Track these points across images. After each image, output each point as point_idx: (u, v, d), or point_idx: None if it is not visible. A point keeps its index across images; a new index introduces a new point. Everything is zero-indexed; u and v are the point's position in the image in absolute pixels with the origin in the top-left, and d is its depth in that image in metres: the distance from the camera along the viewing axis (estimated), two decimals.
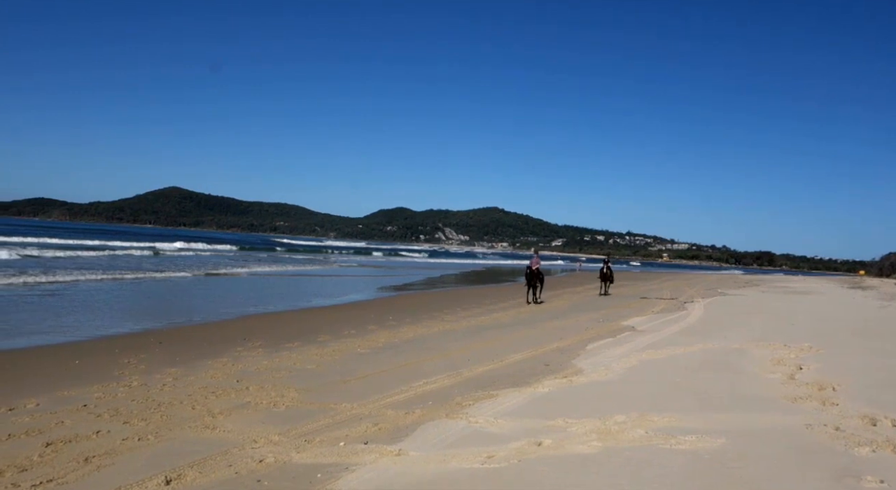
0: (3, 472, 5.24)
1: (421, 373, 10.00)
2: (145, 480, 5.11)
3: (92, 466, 5.46)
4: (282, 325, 15.28)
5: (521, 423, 6.97)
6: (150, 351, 11.11)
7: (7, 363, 9.72)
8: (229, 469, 5.46)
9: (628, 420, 7.01)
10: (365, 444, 6.16)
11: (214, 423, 6.88)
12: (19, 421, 6.74)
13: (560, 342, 13.70)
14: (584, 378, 9.65)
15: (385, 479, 5.24)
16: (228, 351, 11.40)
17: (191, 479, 5.19)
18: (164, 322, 14.95)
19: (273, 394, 8.31)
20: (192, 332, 13.68)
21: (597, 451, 5.93)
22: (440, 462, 5.64)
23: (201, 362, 10.26)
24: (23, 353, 10.53)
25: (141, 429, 6.61)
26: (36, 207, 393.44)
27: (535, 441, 6.19)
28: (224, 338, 12.96)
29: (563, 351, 12.50)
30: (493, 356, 11.68)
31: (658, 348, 12.78)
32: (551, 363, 11.01)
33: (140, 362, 10.11)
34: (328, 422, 7.08)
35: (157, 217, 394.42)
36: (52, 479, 5.13)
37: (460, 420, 7.09)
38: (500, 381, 9.38)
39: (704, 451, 5.95)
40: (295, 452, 5.92)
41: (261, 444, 6.16)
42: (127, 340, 12.19)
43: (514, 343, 13.51)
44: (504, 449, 5.98)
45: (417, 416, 7.32)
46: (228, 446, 6.09)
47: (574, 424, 6.84)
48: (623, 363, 10.93)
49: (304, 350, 11.76)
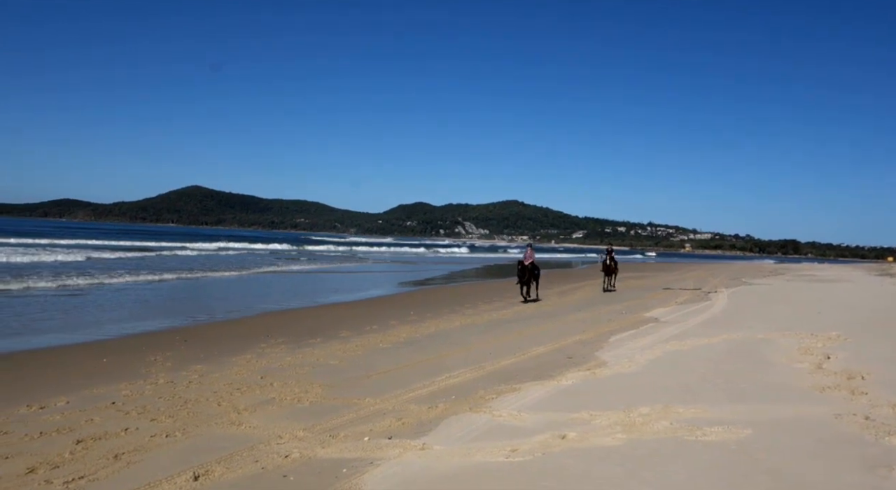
0: (35, 469, 5.35)
1: (443, 367, 10.01)
2: (174, 476, 5.18)
3: (122, 463, 5.55)
4: (304, 322, 15.38)
5: (544, 416, 6.95)
6: (176, 348, 11.25)
7: (38, 361, 9.90)
8: (256, 464, 5.51)
9: (653, 412, 6.96)
10: (389, 439, 6.19)
11: (240, 419, 6.95)
12: (50, 419, 6.86)
13: (582, 334, 13.63)
14: (608, 370, 9.59)
15: (410, 473, 5.25)
16: (252, 347, 11.50)
17: (218, 475, 5.25)
18: (189, 319, 15.13)
19: (297, 390, 8.38)
20: (216, 330, 13.82)
21: (621, 443, 5.90)
22: (464, 456, 5.64)
23: (226, 359, 10.37)
24: (53, 352, 10.72)
25: (168, 426, 6.70)
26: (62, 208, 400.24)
27: (560, 434, 6.17)
28: (247, 334, 13.08)
29: (585, 343, 12.44)
30: (515, 349, 11.66)
31: (682, 339, 12.66)
32: (574, 356, 10.96)
33: (166, 360, 10.24)
34: (352, 417, 7.11)
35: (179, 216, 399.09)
36: (83, 475, 5.22)
37: (484, 414, 7.09)
38: (523, 375, 9.36)
39: (731, 443, 5.89)
40: (320, 447, 5.96)
41: (286, 440, 6.22)
42: (153, 338, 12.35)
43: (537, 336, 13.47)
44: (528, 442, 5.97)
45: (441, 410, 7.33)
46: (254, 442, 6.15)
47: (598, 417, 6.81)
48: (647, 355, 10.85)
49: (326, 346, 11.83)
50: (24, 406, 7.34)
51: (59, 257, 34.34)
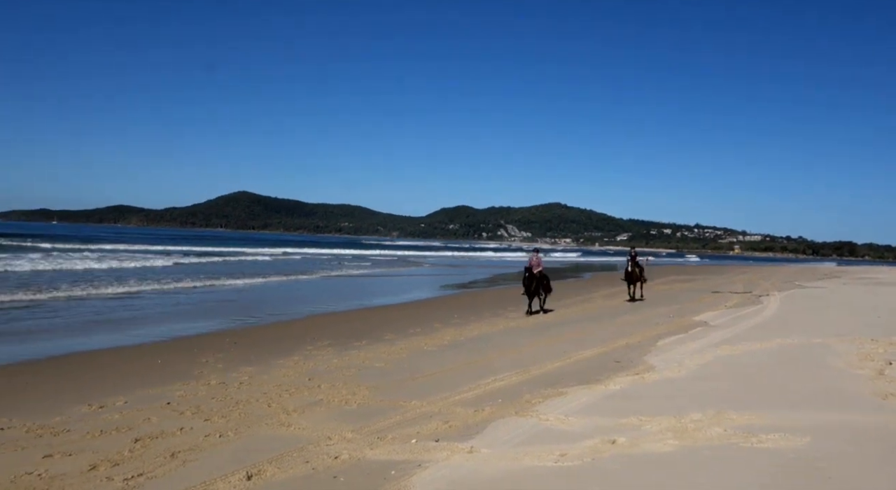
0: (97, 467, 5.53)
1: (488, 370, 9.99)
2: (228, 475, 5.29)
3: (178, 461, 5.70)
4: (349, 324, 15.54)
5: (592, 420, 6.87)
6: (226, 350, 11.49)
7: (96, 362, 10.24)
8: (306, 465, 5.59)
9: (705, 418, 6.81)
10: (436, 442, 6.20)
11: (290, 421, 7.06)
12: (110, 418, 7.09)
13: (629, 338, 13.43)
14: (657, 375, 9.42)
15: (458, 476, 5.25)
16: (299, 350, 11.67)
17: (270, 475, 5.34)
18: (238, 322, 15.46)
19: (344, 391, 8.47)
20: (264, 332, 14.07)
21: (674, 449, 5.78)
22: (512, 460, 5.62)
23: (274, 361, 10.55)
24: (111, 353, 11.08)
25: (221, 426, 6.85)
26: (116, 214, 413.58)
27: (609, 439, 6.09)
28: (294, 337, 13.29)
29: (632, 347, 12.25)
30: (560, 353, 11.56)
31: (733, 344, 12.36)
32: (621, 360, 10.81)
33: (217, 361, 10.48)
34: (399, 419, 7.15)
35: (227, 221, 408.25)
36: (142, 473, 5.38)
37: (530, 418, 7.04)
38: (569, 379, 9.27)
39: (789, 451, 5.71)
40: (368, 449, 6.01)
41: (335, 441, 6.29)
42: (204, 340, 12.64)
43: (582, 340, 13.32)
44: (577, 447, 5.90)
45: (487, 413, 7.31)
46: (304, 443, 6.24)
47: (648, 422, 6.69)
48: (697, 359, 10.63)
49: (371, 348, 11.93)
50: (85, 405, 7.60)
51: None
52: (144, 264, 35.75)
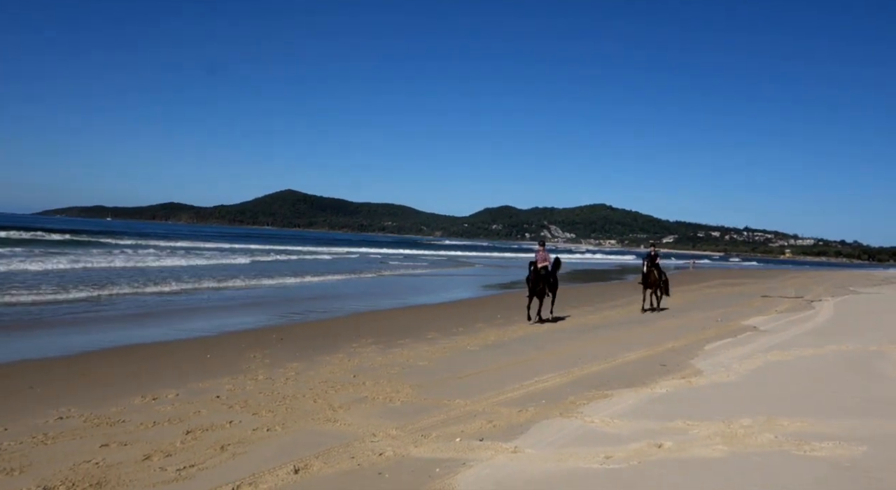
0: (151, 456, 5.71)
1: (532, 371, 9.95)
2: (276, 469, 5.40)
3: (228, 454, 5.84)
4: (393, 323, 15.67)
5: (638, 423, 6.78)
6: (272, 346, 11.71)
7: (149, 356, 10.56)
8: (352, 461, 5.67)
9: (755, 424, 6.65)
10: (480, 441, 6.21)
11: (335, 417, 7.16)
12: (162, 410, 7.31)
13: (675, 342, 13.20)
14: (704, 379, 9.24)
15: (503, 475, 5.25)
16: (343, 347, 11.82)
17: (317, 469, 5.43)
18: (284, 319, 15.74)
19: (388, 389, 8.54)
20: (309, 329, 14.30)
21: (723, 455, 5.67)
22: (557, 461, 5.58)
23: (319, 358, 10.70)
24: (162, 347, 11.41)
25: (269, 420, 6.99)
26: (167, 211, 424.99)
27: (655, 443, 6.00)
28: (338, 334, 13.46)
29: (679, 351, 12.03)
30: (605, 355, 11.43)
31: (784, 349, 12.03)
32: (668, 363, 10.63)
33: (264, 357, 10.69)
34: (443, 418, 7.18)
35: (274, 218, 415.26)
36: (193, 464, 5.53)
37: (575, 419, 6.99)
38: (614, 381, 9.16)
39: (844, 459, 5.54)
40: (413, 446, 6.05)
41: (380, 438, 6.35)
42: (251, 336, 12.91)
43: (627, 342, 13.15)
44: (622, 450, 5.84)
45: (531, 414, 7.28)
46: (350, 439, 6.32)
47: (696, 427, 6.57)
48: (746, 364, 10.38)
49: (415, 347, 12.00)
50: (139, 397, 7.84)
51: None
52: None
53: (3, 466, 5.38)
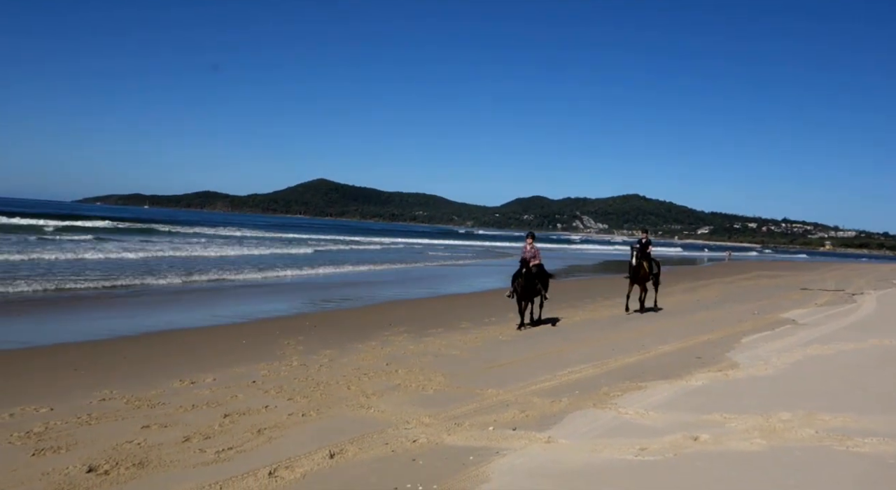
0: (190, 439, 5.83)
1: (564, 361, 9.90)
2: (311, 453, 5.47)
3: (264, 438, 5.93)
4: (425, 312, 15.72)
5: (674, 416, 6.70)
6: (306, 333, 11.85)
7: (188, 341, 10.78)
8: (386, 447, 5.71)
9: (795, 418, 6.52)
10: (513, 430, 6.20)
11: (369, 404, 7.22)
12: (200, 394, 7.45)
13: (711, 334, 13.00)
14: (741, 372, 9.09)
15: (536, 465, 5.24)
16: (376, 335, 11.89)
17: (352, 455, 5.49)
18: (317, 306, 15.91)
19: (421, 377, 8.58)
20: (342, 317, 14.43)
21: (761, 449, 5.57)
22: (591, 452, 5.55)
23: (352, 345, 10.79)
24: (201, 332, 11.63)
25: (304, 405, 7.08)
26: (203, 200, 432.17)
27: (691, 435, 5.93)
28: (371, 322, 13.55)
29: (714, 343, 11.85)
30: (638, 347, 11.31)
31: (825, 343, 11.76)
32: (703, 356, 10.48)
33: (298, 344, 10.81)
34: (476, 406, 7.19)
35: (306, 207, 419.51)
36: (231, 446, 5.64)
37: (609, 410, 6.94)
38: (649, 373, 9.06)
39: (889, 456, 5.40)
40: (446, 434, 6.07)
41: (413, 425, 6.39)
42: (285, 323, 13.08)
43: (661, 334, 12.99)
44: (658, 442, 5.78)
45: (564, 404, 7.25)
46: (383, 426, 6.37)
47: (733, 420, 6.47)
48: (784, 358, 10.18)
49: (447, 336, 12.02)
50: (177, 380, 8.01)
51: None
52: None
53: (50, 444, 5.56)
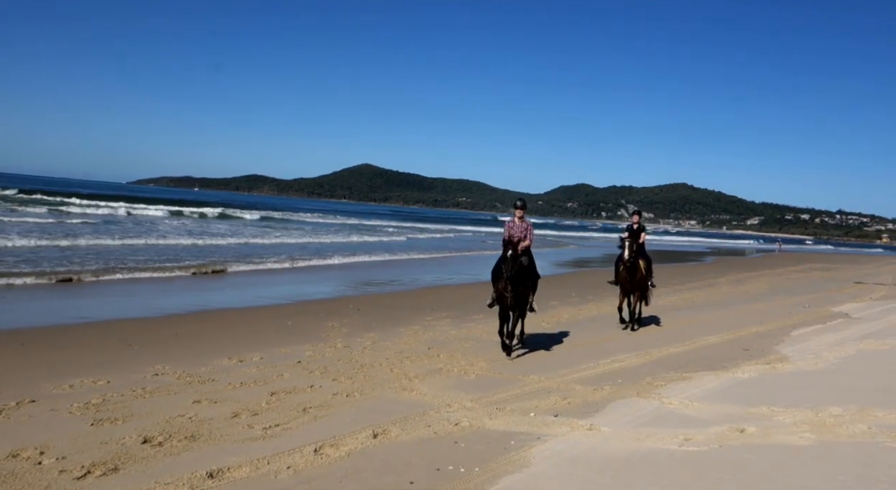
0: (239, 415, 6.00)
1: (606, 350, 9.83)
2: (355, 432, 5.57)
3: (309, 416, 6.07)
4: (466, 298, 15.73)
5: (719, 407, 6.60)
6: (350, 316, 12.01)
7: (237, 320, 11.05)
8: (428, 429, 5.78)
9: (846, 413, 6.35)
10: (555, 417, 6.20)
11: (411, 386, 7.30)
12: (248, 372, 7.65)
13: (759, 326, 12.71)
14: (790, 366, 8.89)
15: (578, 451, 5.24)
16: (418, 319, 11.98)
17: (395, 436, 5.57)
18: (359, 290, 16.11)
19: (462, 362, 8.62)
20: (385, 300, 14.57)
21: (810, 443, 5.45)
22: (634, 440, 5.52)
23: (394, 329, 10.90)
24: (248, 312, 11.91)
25: (347, 386, 7.20)
26: (250, 183, 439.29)
27: (738, 427, 5.84)
28: (414, 307, 13.65)
29: (763, 336, 11.59)
30: (683, 337, 11.15)
31: (880, 338, 11.38)
32: (751, 348, 10.26)
33: (342, 326, 10.98)
34: (517, 392, 7.21)
35: (350, 192, 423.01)
36: (278, 424, 5.78)
37: (652, 400, 6.87)
38: (693, 364, 8.93)
39: None
40: (487, 419, 6.11)
41: (455, 409, 6.44)
42: (330, 305, 13.28)
43: (707, 325, 12.76)
44: (703, 433, 5.71)
45: (607, 392, 7.21)
46: (425, 408, 6.44)
47: (781, 413, 6.34)
48: (836, 352, 9.90)
49: (488, 322, 12.01)
50: (226, 358, 8.23)
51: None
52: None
53: (108, 415, 5.79)
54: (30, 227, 26.47)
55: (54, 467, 4.63)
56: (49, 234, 22.90)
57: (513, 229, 9.46)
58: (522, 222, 9.58)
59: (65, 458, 4.80)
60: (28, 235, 21.71)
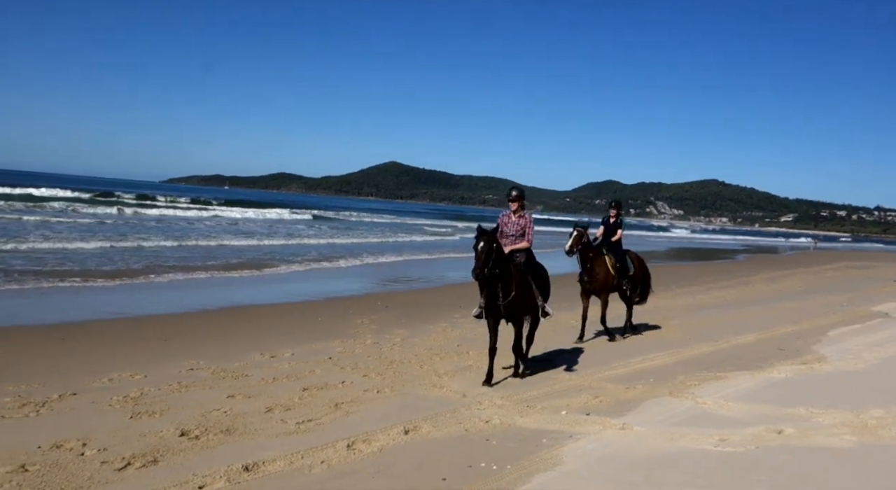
0: (272, 409, 6.08)
1: (637, 349, 9.74)
2: (387, 428, 5.60)
3: (342, 411, 6.12)
4: None
5: (755, 408, 6.50)
6: (378, 313, 12.07)
7: (268, 317, 11.18)
8: (459, 426, 5.79)
9: (889, 415, 6.20)
10: (587, 415, 6.16)
11: (441, 383, 7.32)
12: (280, 367, 7.74)
13: (794, 326, 12.47)
14: (828, 366, 8.71)
15: (611, 451, 5.20)
16: (446, 317, 11.99)
17: (426, 432, 5.59)
18: (387, 287, 16.18)
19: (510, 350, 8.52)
20: (413, 298, 14.61)
21: (851, 445, 5.34)
22: (668, 440, 5.46)
23: (423, 326, 10.93)
24: (279, 308, 12.04)
25: (378, 382, 7.24)
26: (278, 181, 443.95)
27: (775, 428, 5.74)
28: (441, 304, 13.66)
29: (798, 335, 11.36)
30: (715, 336, 10.98)
31: None
32: (786, 348, 10.07)
33: (371, 322, 11.04)
34: (548, 390, 7.18)
35: (377, 190, 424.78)
36: (311, 419, 5.84)
37: (686, 400, 6.79)
38: (727, 363, 8.80)
39: None
40: (518, 416, 6.10)
41: (485, 406, 6.44)
42: (357, 302, 13.36)
43: (740, 324, 12.56)
44: (738, 434, 5.62)
45: (639, 391, 7.14)
46: (456, 405, 6.45)
47: (819, 415, 6.22)
48: (876, 353, 9.67)
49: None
50: (258, 354, 8.33)
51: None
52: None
53: (147, 409, 5.91)
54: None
55: (96, 458, 4.74)
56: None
57: (506, 226, 7.83)
58: (520, 218, 7.91)
59: (106, 449, 4.91)
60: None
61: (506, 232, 7.80)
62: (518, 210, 7.89)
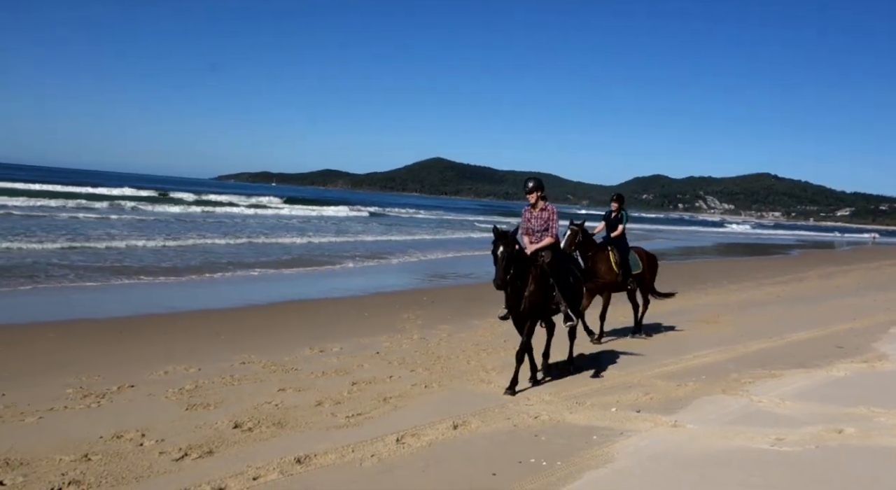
0: (322, 403, 6.17)
1: (688, 346, 9.54)
2: (436, 423, 5.62)
3: (390, 406, 6.17)
4: None
5: (813, 406, 6.30)
6: (424, 308, 12.11)
7: (317, 311, 11.34)
8: (507, 421, 5.77)
9: None
10: (637, 412, 6.07)
11: (489, 378, 7.30)
12: (329, 362, 7.84)
13: (853, 323, 12.04)
14: (890, 364, 8.38)
15: (663, 448, 5.11)
16: (493, 312, 11.92)
17: (475, 427, 5.59)
18: (432, 282, 16.23)
19: (539, 356, 8.53)
20: (459, 293, 14.62)
21: None
22: (722, 438, 5.33)
23: (469, 321, 10.92)
24: (327, 303, 12.22)
25: (426, 377, 7.27)
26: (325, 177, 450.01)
27: (835, 428, 5.55)
28: (487, 299, 13.57)
29: (857, 333, 10.97)
30: (769, 333, 10.69)
31: None
32: (845, 345, 9.73)
33: (417, 318, 11.09)
34: (597, 387, 7.10)
35: (422, 186, 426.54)
36: (360, 412, 5.91)
37: (740, 398, 6.62)
38: (782, 361, 8.55)
39: None
40: (567, 413, 6.04)
41: (534, 402, 6.41)
42: (403, 297, 13.44)
43: (795, 320, 12.19)
44: (796, 433, 5.45)
45: (690, 389, 7.00)
46: (504, 401, 6.43)
47: (882, 415, 5.99)
48: None
49: None
50: (307, 348, 8.46)
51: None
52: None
53: (201, 401, 6.07)
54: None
55: (154, 449, 4.89)
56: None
57: (530, 222, 7.21)
58: (542, 210, 7.19)
59: (163, 440, 5.06)
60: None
61: (530, 228, 7.24)
62: (538, 201, 7.19)
